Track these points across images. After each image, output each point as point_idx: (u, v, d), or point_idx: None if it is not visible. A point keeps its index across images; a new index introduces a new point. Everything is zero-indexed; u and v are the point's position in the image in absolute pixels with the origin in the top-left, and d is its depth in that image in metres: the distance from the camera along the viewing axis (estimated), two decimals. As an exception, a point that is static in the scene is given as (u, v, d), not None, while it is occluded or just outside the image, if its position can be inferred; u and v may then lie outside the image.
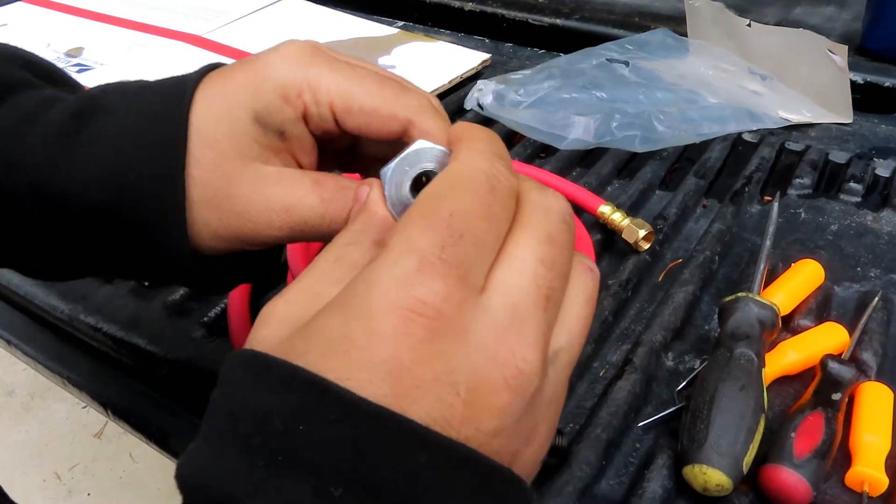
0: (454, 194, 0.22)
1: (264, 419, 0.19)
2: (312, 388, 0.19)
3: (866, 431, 0.37)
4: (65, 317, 0.49)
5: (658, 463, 0.37)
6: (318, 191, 0.29)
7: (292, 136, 0.29)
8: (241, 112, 0.28)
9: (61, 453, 1.50)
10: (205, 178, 0.28)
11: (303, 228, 0.29)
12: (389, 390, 0.19)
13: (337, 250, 0.24)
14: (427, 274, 0.20)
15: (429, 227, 0.21)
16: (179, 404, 0.44)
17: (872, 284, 0.48)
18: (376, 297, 0.20)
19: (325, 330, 0.20)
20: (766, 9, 0.82)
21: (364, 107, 0.28)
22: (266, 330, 0.22)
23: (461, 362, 0.20)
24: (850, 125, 0.66)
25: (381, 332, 0.20)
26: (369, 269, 0.21)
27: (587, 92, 0.67)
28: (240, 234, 0.29)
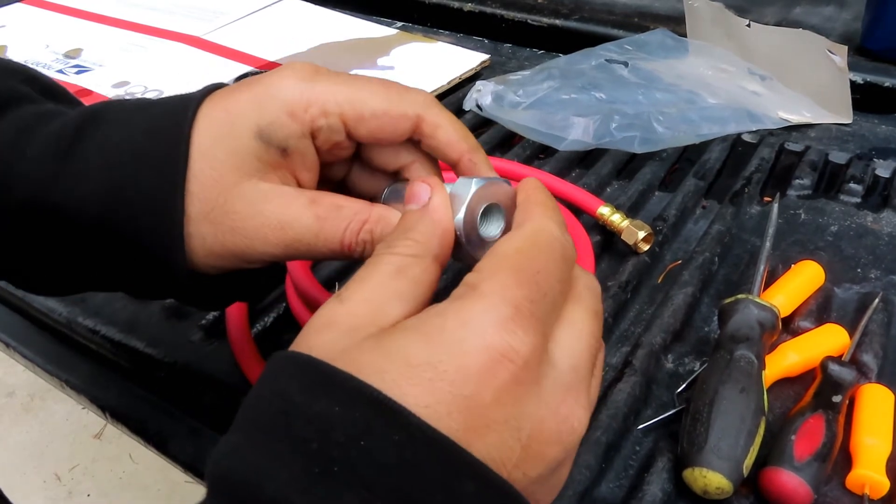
0: (539, 255, 0.24)
1: (325, 428, 0.20)
2: (380, 407, 0.20)
3: (867, 434, 0.37)
4: (63, 319, 0.49)
5: (658, 466, 0.37)
6: (314, 209, 0.29)
7: (296, 152, 0.29)
8: (243, 128, 0.29)
9: (61, 454, 1.50)
10: (202, 193, 0.29)
11: (297, 246, 0.29)
12: (463, 425, 0.20)
13: (398, 260, 0.24)
14: (519, 324, 0.21)
15: (521, 280, 0.22)
16: (178, 407, 0.43)
17: (873, 286, 0.48)
18: (471, 336, 0.21)
19: (410, 355, 0.21)
20: (766, 9, 0.82)
21: (375, 110, 0.29)
22: (325, 336, 0.23)
23: (530, 411, 0.22)
24: (850, 125, 0.66)
25: (471, 369, 0.21)
26: (462, 307, 0.22)
27: (586, 93, 0.66)
28: (235, 251, 0.29)
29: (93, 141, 0.29)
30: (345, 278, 0.51)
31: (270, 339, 0.46)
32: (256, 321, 0.46)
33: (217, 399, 0.42)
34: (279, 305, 0.47)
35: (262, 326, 0.46)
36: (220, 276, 0.31)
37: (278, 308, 0.47)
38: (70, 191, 0.29)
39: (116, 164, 0.29)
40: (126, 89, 0.73)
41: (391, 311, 0.23)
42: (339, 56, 0.79)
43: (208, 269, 0.30)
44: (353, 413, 0.20)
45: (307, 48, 0.81)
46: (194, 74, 0.75)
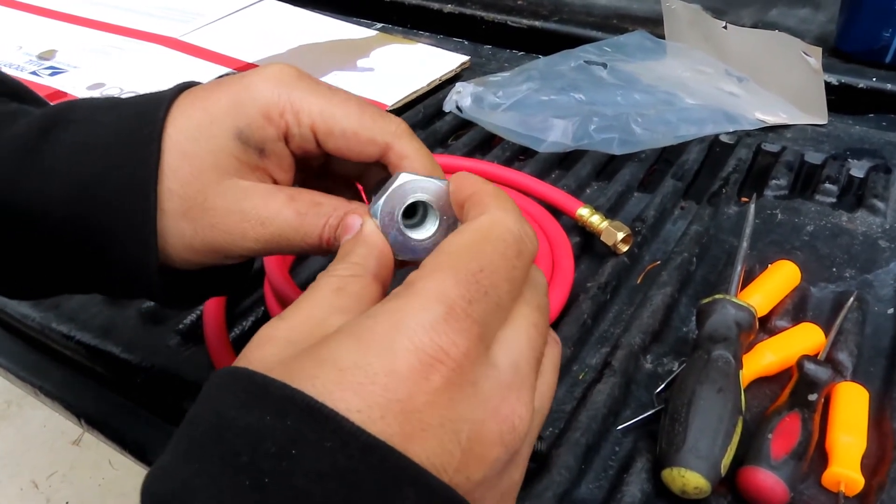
0: (485, 250, 0.23)
1: (255, 440, 0.19)
2: (311, 414, 0.19)
3: (842, 432, 0.38)
4: (37, 325, 0.48)
5: (637, 466, 0.37)
6: (294, 205, 0.29)
7: (272, 153, 0.30)
8: (222, 128, 0.29)
9: (39, 461, 1.48)
10: (180, 190, 0.28)
11: (278, 241, 0.29)
12: (398, 429, 0.20)
13: (338, 280, 0.25)
14: (452, 325, 0.21)
15: (459, 279, 0.22)
16: (155, 413, 0.43)
17: (848, 285, 0.48)
18: (401, 338, 0.21)
19: (340, 360, 0.20)
20: (742, 11, 0.83)
21: (345, 130, 0.29)
22: (264, 351, 0.22)
23: (467, 413, 0.21)
24: (825, 126, 0.67)
25: (402, 372, 0.20)
26: (394, 308, 0.21)
27: (566, 94, 0.67)
28: (214, 246, 0.29)
29: (60, 140, 0.29)
30: (324, 281, 0.50)
31: (249, 344, 0.45)
32: (234, 325, 0.46)
33: (194, 404, 0.42)
34: (257, 309, 0.47)
35: (240, 331, 0.46)
36: (194, 272, 0.31)
37: (256, 312, 0.47)
38: (37, 190, 0.28)
39: (85, 162, 0.28)
40: (101, 91, 0.72)
41: (332, 325, 0.23)
42: (318, 57, 0.79)
43: (184, 265, 0.30)
44: (285, 422, 0.19)
45: (286, 49, 0.80)
46: (171, 76, 0.74)
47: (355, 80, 0.74)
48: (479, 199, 0.25)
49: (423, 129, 0.68)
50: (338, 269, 0.25)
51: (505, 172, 0.57)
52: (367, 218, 0.27)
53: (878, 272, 0.49)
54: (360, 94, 0.71)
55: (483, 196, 0.25)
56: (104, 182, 0.28)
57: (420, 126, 0.69)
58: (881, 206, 0.55)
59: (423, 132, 0.66)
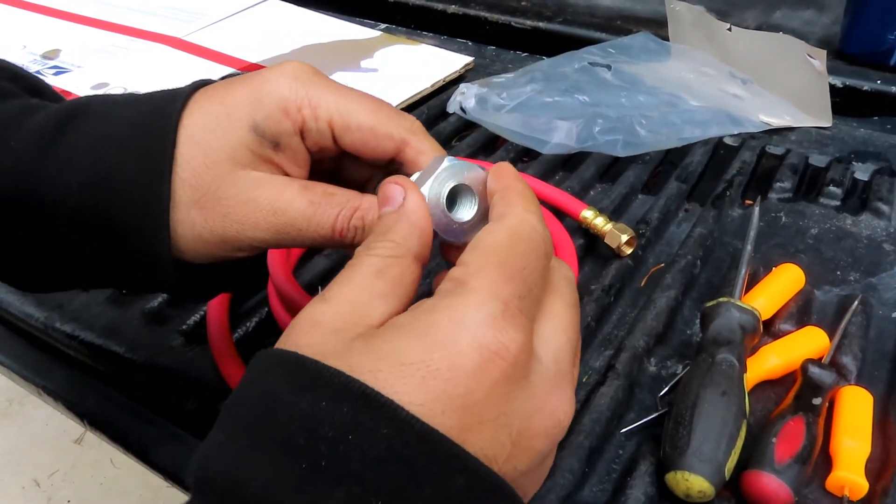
0: (521, 250, 0.24)
1: (311, 424, 0.20)
2: (368, 402, 0.20)
3: (846, 436, 0.37)
4: (40, 325, 0.48)
5: (641, 469, 0.37)
6: (306, 194, 0.29)
7: (287, 147, 0.30)
8: (238, 120, 0.29)
9: (41, 460, 1.48)
10: (193, 180, 0.29)
11: (289, 231, 0.29)
12: (457, 423, 0.21)
13: (379, 262, 0.24)
14: (510, 321, 0.22)
15: (507, 277, 0.23)
16: (158, 413, 0.43)
17: (852, 288, 0.48)
18: (464, 334, 0.21)
19: (402, 355, 0.21)
20: (747, 12, 0.83)
21: (362, 125, 0.29)
22: (311, 337, 0.23)
23: (519, 406, 0.22)
24: (830, 129, 0.67)
25: (464, 367, 0.21)
26: (452, 304, 0.22)
27: (569, 96, 0.67)
28: (225, 237, 0.29)
29: (77, 132, 0.29)
30: (327, 282, 0.50)
31: (252, 344, 0.45)
32: (238, 326, 0.46)
33: (198, 405, 0.42)
34: (261, 310, 0.47)
35: (244, 331, 0.46)
36: (207, 265, 0.31)
37: (260, 313, 0.47)
38: (54, 181, 0.29)
39: (101, 154, 0.29)
40: (105, 91, 0.72)
41: (374, 311, 0.23)
42: (322, 58, 0.79)
43: (196, 258, 0.30)
44: (341, 409, 0.20)
45: (290, 50, 0.80)
46: (175, 76, 0.74)
47: (359, 81, 0.74)
48: (503, 196, 0.26)
49: (427, 129, 0.68)
50: (378, 248, 0.25)
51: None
52: (412, 190, 0.26)
53: (883, 275, 0.49)
54: (364, 94, 0.71)
55: (511, 193, 0.26)
56: (119, 173, 0.28)
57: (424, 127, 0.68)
58: (885, 209, 0.55)
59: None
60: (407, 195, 0.26)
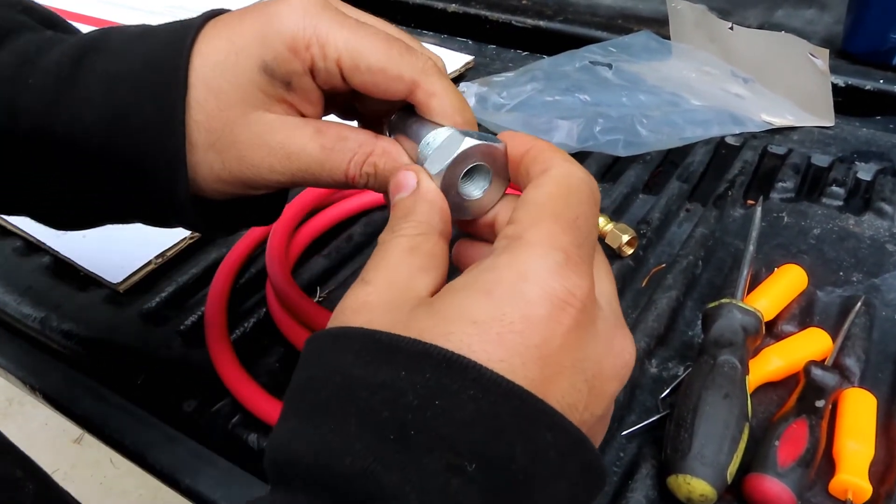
0: (573, 200, 0.24)
1: (394, 395, 0.20)
2: (450, 366, 0.20)
3: (850, 439, 0.37)
4: (37, 325, 0.48)
5: (642, 472, 0.37)
6: (320, 139, 0.29)
7: (298, 87, 0.29)
8: (248, 61, 0.28)
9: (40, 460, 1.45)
10: (208, 123, 0.29)
11: (304, 175, 0.29)
12: (538, 374, 0.21)
13: (409, 241, 0.24)
14: (573, 269, 0.22)
15: (564, 227, 0.23)
16: (155, 415, 0.43)
17: (855, 289, 0.48)
18: (531, 286, 0.21)
19: (472, 314, 0.21)
20: (748, 11, 0.82)
21: (371, 66, 0.28)
22: (364, 317, 0.22)
23: (590, 351, 0.22)
24: (832, 128, 0.66)
25: (537, 318, 0.21)
26: (513, 260, 0.22)
27: (570, 95, 0.66)
28: (242, 178, 0.29)
29: (93, 71, 0.29)
30: (326, 283, 0.50)
31: (250, 345, 0.45)
32: (236, 327, 0.45)
33: (195, 406, 0.42)
34: (259, 311, 0.47)
35: (242, 332, 0.45)
36: (228, 201, 0.31)
37: (258, 313, 0.46)
38: (72, 119, 0.29)
39: (116, 92, 0.29)
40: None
41: (419, 284, 0.23)
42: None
43: (216, 195, 0.30)
44: (424, 376, 0.20)
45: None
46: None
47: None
48: (538, 155, 0.26)
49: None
50: (404, 229, 0.25)
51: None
52: (424, 176, 0.27)
53: (886, 276, 0.49)
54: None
55: (542, 151, 0.26)
56: (134, 113, 0.28)
57: (423, 126, 0.68)
58: (889, 209, 0.55)
59: (427, 132, 0.66)
60: (420, 180, 0.26)
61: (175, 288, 0.49)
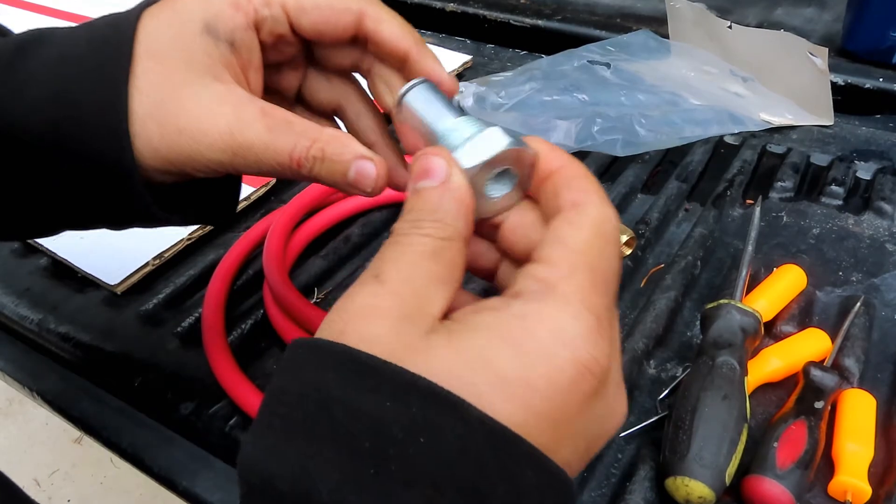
0: (610, 253, 0.23)
1: (378, 426, 0.19)
2: (438, 401, 0.19)
3: (849, 440, 0.37)
4: (34, 327, 0.48)
5: (640, 474, 0.37)
6: (265, 120, 0.28)
7: (242, 46, 0.29)
8: (190, 24, 0.28)
9: (41, 459, 1.48)
10: (150, 90, 0.28)
11: (245, 155, 0.28)
12: (548, 439, 0.20)
13: (433, 243, 0.23)
14: (602, 335, 0.21)
15: (598, 284, 0.22)
16: (152, 417, 0.42)
17: (854, 289, 0.48)
18: (563, 350, 0.21)
19: (497, 365, 0.20)
20: (748, 10, 0.82)
21: (318, 2, 0.29)
22: (374, 327, 0.21)
23: (597, 416, 0.22)
24: (831, 127, 0.66)
25: (562, 384, 0.21)
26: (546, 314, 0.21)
27: (569, 94, 0.66)
28: (181, 153, 0.28)
29: (36, 55, 0.29)
30: (324, 284, 0.50)
31: (247, 347, 0.45)
32: (233, 328, 0.45)
33: (193, 408, 0.42)
34: (256, 312, 0.46)
35: (239, 333, 0.45)
36: (176, 189, 0.31)
37: (255, 315, 0.46)
38: (13, 103, 0.28)
39: (59, 72, 0.28)
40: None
41: (434, 297, 0.22)
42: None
43: (157, 176, 0.29)
44: (409, 409, 0.19)
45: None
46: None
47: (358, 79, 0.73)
48: (572, 180, 0.25)
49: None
50: (428, 228, 0.23)
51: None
52: (456, 168, 0.24)
53: (886, 276, 0.49)
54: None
55: (577, 177, 0.25)
56: (77, 87, 0.28)
57: (422, 126, 0.68)
58: (888, 208, 0.55)
59: (425, 132, 0.66)
60: (451, 171, 0.24)
61: (172, 289, 0.49)
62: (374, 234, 0.55)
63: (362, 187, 0.28)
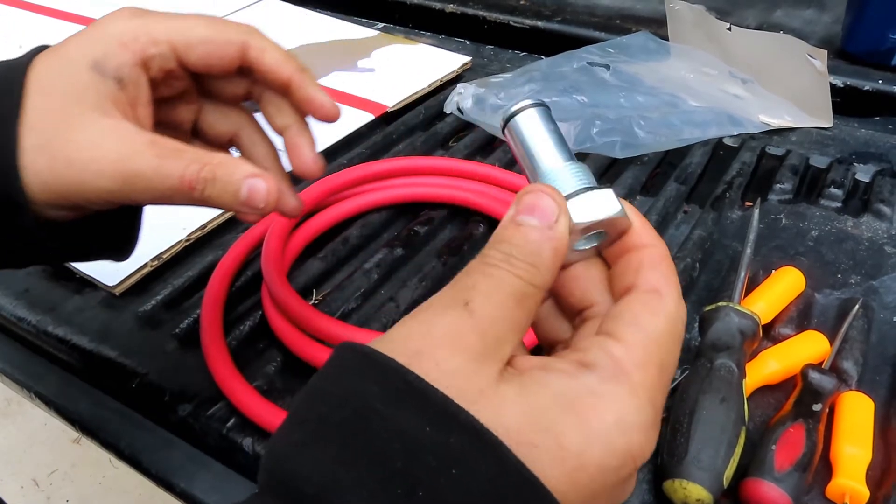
0: (674, 349, 0.24)
1: (414, 448, 0.19)
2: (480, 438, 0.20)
3: (847, 443, 0.37)
4: (32, 328, 0.48)
5: (637, 477, 0.36)
6: (154, 148, 0.29)
7: (130, 82, 0.30)
8: (79, 63, 0.30)
9: (40, 459, 1.48)
10: (40, 125, 0.29)
11: (135, 182, 0.29)
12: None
13: (524, 288, 0.23)
14: (654, 428, 0.22)
15: (664, 380, 0.23)
16: (151, 419, 0.42)
17: (853, 291, 0.48)
18: (620, 437, 0.21)
19: (560, 435, 0.21)
20: (747, 12, 0.82)
21: (203, 37, 0.31)
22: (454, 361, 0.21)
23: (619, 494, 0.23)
24: (831, 129, 0.66)
25: (608, 467, 0.21)
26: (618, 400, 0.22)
27: (568, 96, 0.66)
28: (72, 184, 0.29)
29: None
30: (322, 286, 0.50)
31: (245, 349, 0.45)
32: (231, 330, 0.45)
33: (191, 410, 0.42)
34: (254, 314, 0.46)
35: (237, 335, 0.45)
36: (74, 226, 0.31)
37: (254, 316, 0.46)
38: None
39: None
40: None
41: (509, 342, 0.22)
42: (318, 58, 0.78)
43: (51, 212, 0.30)
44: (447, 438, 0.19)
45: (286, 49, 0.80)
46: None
47: (356, 81, 0.73)
48: (657, 264, 0.24)
49: (423, 130, 0.67)
50: (522, 270, 0.23)
51: (507, 176, 0.57)
52: (564, 217, 0.23)
53: (884, 278, 0.49)
54: (360, 94, 0.71)
55: (662, 264, 0.25)
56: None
57: (420, 127, 0.68)
58: (887, 210, 0.55)
59: (424, 133, 0.66)
60: (559, 219, 0.23)
61: (171, 291, 0.49)
62: (373, 236, 0.55)
63: (254, 204, 0.30)
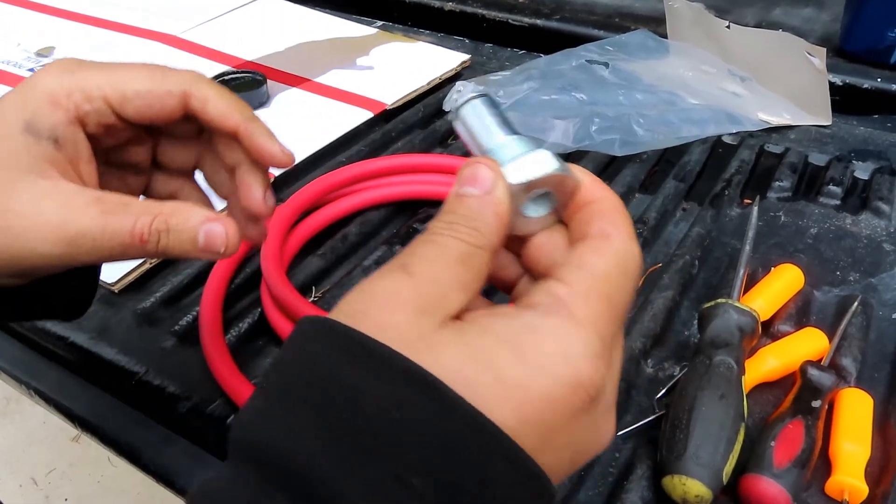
0: (628, 286, 0.24)
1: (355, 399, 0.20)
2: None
3: (846, 439, 0.37)
4: (31, 326, 0.48)
5: (637, 473, 0.37)
6: (99, 205, 0.28)
7: (66, 141, 0.29)
8: (11, 126, 0.28)
9: (38, 458, 1.48)
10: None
11: (81, 243, 0.28)
12: (536, 445, 0.21)
13: (467, 249, 0.23)
14: (603, 359, 0.22)
15: (612, 314, 0.23)
16: (150, 416, 0.42)
17: (852, 289, 0.48)
18: (566, 367, 0.21)
19: (502, 372, 0.21)
20: (746, 10, 0.82)
21: (139, 90, 0.30)
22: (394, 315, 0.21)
23: (583, 433, 0.23)
24: (829, 127, 0.66)
25: (557, 398, 0.21)
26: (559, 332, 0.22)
27: (567, 93, 0.66)
28: (13, 253, 0.28)
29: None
30: (321, 283, 0.50)
31: (245, 346, 0.45)
32: (231, 327, 0.45)
33: (190, 406, 0.42)
34: (254, 311, 0.46)
35: (237, 332, 0.45)
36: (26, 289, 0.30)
37: (253, 314, 0.46)
38: None
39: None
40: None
41: (454, 299, 0.23)
42: (317, 55, 0.78)
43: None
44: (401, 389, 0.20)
45: (285, 47, 0.80)
46: (170, 74, 0.73)
47: (354, 79, 0.73)
48: (606, 212, 0.25)
49: (422, 128, 0.67)
50: (463, 233, 0.23)
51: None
52: (501, 182, 0.24)
53: (883, 276, 0.49)
54: (359, 92, 0.71)
55: (612, 211, 0.25)
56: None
57: (419, 125, 0.68)
58: (886, 208, 0.55)
59: (423, 131, 0.66)
60: (496, 184, 0.24)
61: (170, 288, 0.49)
62: (372, 233, 0.55)
63: (215, 249, 0.29)
